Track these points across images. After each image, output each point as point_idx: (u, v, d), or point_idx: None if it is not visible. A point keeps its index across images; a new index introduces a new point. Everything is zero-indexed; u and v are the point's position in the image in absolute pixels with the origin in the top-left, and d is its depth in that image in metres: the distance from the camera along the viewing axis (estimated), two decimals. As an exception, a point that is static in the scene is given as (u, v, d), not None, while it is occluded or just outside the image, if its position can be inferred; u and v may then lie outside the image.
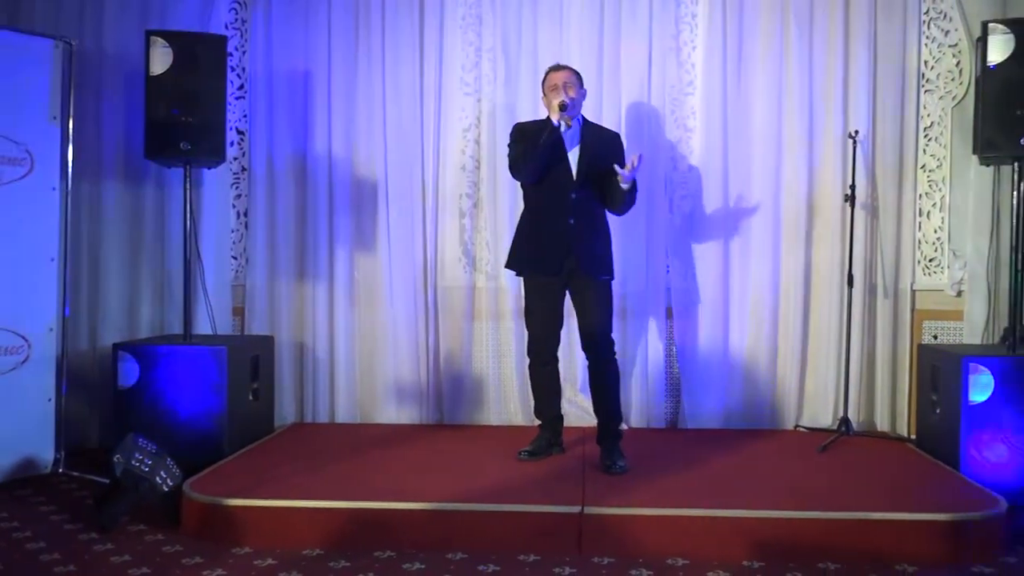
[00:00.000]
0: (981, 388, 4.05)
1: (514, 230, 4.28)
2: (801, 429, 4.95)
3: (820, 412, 4.97)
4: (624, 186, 3.97)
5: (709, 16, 4.96)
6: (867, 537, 3.33)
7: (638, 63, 4.99)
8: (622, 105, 5.00)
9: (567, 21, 5.01)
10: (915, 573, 3.21)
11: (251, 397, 4.68)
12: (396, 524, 3.44)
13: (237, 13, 5.17)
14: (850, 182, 4.73)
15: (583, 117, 4.18)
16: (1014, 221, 4.38)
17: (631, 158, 3.96)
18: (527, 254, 4.16)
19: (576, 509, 3.42)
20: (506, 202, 4.93)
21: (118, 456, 3.66)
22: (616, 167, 3.95)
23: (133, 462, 3.65)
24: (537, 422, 4.38)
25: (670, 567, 3.26)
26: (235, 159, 5.18)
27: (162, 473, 3.70)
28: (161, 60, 4.37)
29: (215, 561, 3.29)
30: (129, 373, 4.32)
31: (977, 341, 4.77)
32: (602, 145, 4.12)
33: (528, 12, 5.01)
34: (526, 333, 4.25)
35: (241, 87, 5.16)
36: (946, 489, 3.78)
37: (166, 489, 3.68)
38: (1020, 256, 4.45)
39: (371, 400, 5.14)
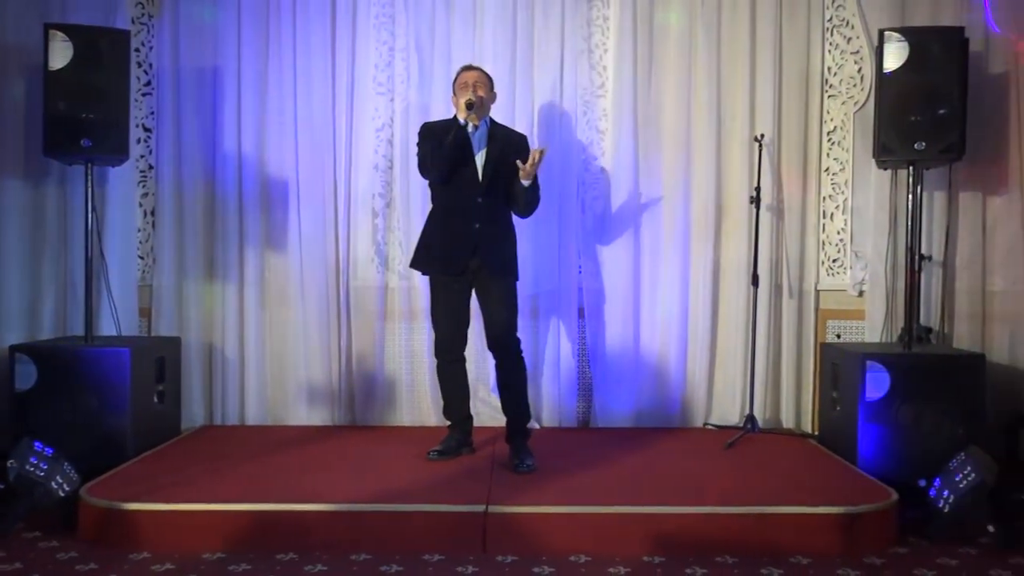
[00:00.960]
0: (878, 385, 4.17)
1: (426, 230, 4.29)
2: (710, 427, 5.04)
3: (728, 410, 5.07)
4: (525, 183, 4.00)
5: (620, 19, 5.02)
6: (765, 530, 3.42)
7: (551, 64, 5.02)
8: (535, 106, 5.02)
9: (480, 22, 5.02)
10: (809, 564, 3.30)
11: (156, 400, 4.59)
12: (299, 526, 3.41)
13: (144, 8, 5.06)
14: (756, 184, 4.84)
15: (491, 119, 4.21)
16: (909, 223, 4.54)
17: (533, 152, 3.98)
18: (433, 254, 4.17)
19: (480, 508, 3.43)
20: (419, 202, 4.92)
21: (12, 461, 3.57)
22: (519, 162, 3.98)
23: (27, 467, 3.55)
24: (447, 422, 4.38)
25: (572, 564, 3.29)
26: (142, 157, 5.07)
27: (58, 478, 3.60)
28: (61, 54, 4.26)
29: (111, 567, 3.22)
30: (26, 376, 4.19)
31: (877, 339, 4.92)
32: (509, 148, 4.14)
33: (442, 12, 5.00)
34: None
35: (148, 83, 5.06)
36: (842, 483, 3.89)
37: (62, 494, 3.59)
38: (916, 257, 4.62)
39: (282, 402, 5.08)
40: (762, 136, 4.87)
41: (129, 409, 4.23)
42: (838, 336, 5.10)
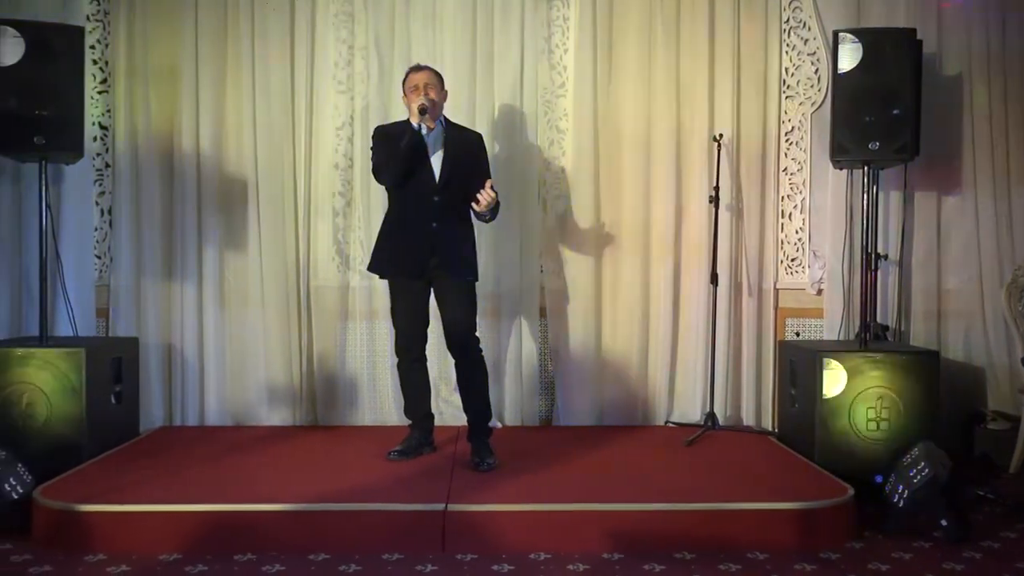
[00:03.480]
0: (835, 383, 4.22)
1: (387, 229, 4.27)
2: (671, 425, 5.07)
3: (689, 408, 5.10)
4: (483, 212, 4.01)
5: (580, 19, 5.03)
6: (723, 527, 3.45)
7: (511, 64, 5.03)
8: (495, 105, 5.03)
9: (440, 20, 5.01)
10: (766, 560, 3.33)
11: (114, 401, 4.53)
12: (257, 526, 3.39)
13: (99, 5, 5.00)
14: (715, 183, 4.87)
15: (445, 119, 4.20)
16: (864, 223, 4.59)
17: (485, 191, 3.93)
18: (390, 257, 4.15)
19: (440, 507, 3.42)
20: (379, 200, 4.86)
21: (-37, 464, 3.52)
22: (473, 204, 3.97)
23: (-21, 470, 3.50)
24: (408, 422, 4.37)
25: (532, 562, 3.29)
26: (98, 155, 5.02)
27: (11, 480, 3.55)
28: (12, 50, 4.18)
29: (65, 570, 3.18)
30: (-22, 377, 4.13)
31: (835, 337, 4.97)
32: (465, 147, 4.15)
33: (401, 11, 4.99)
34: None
35: (104, 81, 5.00)
36: (799, 479, 3.93)
37: (15, 496, 3.53)
38: (872, 256, 4.68)
39: (242, 402, 5.03)
40: (721, 136, 4.90)
41: (85, 411, 4.17)
42: (797, 334, 5.15)
